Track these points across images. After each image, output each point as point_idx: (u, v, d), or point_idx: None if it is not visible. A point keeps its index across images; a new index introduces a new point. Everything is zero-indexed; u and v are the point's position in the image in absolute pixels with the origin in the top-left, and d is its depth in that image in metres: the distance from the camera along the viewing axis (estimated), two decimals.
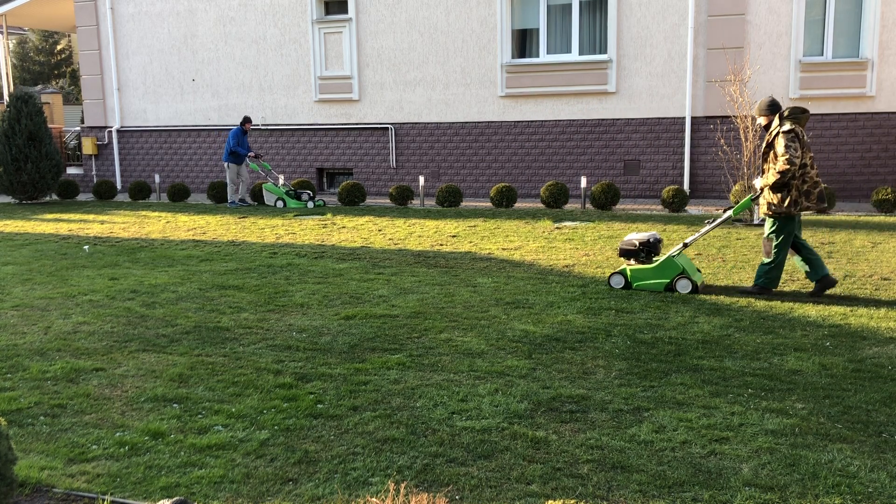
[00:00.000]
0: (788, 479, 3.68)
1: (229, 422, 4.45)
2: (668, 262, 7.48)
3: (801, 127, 7.25)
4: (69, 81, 34.25)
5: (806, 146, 7.20)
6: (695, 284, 7.38)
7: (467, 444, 4.10)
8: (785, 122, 7.21)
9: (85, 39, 19.14)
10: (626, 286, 7.64)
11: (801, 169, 7.19)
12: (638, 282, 7.59)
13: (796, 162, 7.06)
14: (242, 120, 15.70)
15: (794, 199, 7.18)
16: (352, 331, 6.28)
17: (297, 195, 15.35)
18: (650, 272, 7.55)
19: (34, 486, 3.67)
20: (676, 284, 7.43)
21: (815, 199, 7.23)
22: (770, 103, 7.39)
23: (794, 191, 7.18)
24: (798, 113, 7.23)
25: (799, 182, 7.20)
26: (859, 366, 5.25)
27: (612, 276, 7.76)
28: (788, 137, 7.10)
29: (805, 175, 7.20)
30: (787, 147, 7.06)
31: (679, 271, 7.43)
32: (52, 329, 6.47)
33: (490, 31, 15.88)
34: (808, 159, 7.20)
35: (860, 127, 14.24)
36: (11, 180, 16.50)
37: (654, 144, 15.19)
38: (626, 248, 7.76)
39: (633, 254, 7.72)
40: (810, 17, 14.36)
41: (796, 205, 7.19)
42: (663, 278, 7.49)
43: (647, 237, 7.71)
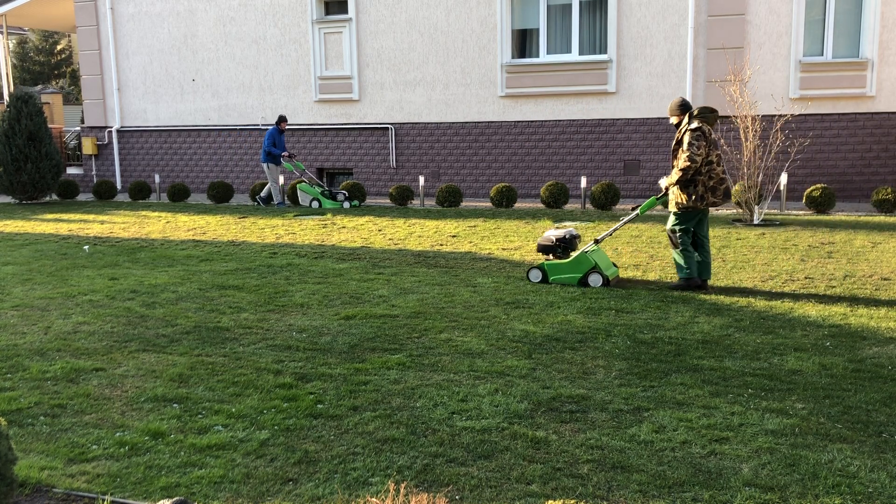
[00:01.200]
0: (788, 479, 3.68)
1: (229, 422, 4.45)
2: (582, 257, 7.87)
3: (709, 126, 7.55)
4: (69, 81, 34.25)
5: (712, 144, 7.51)
6: (606, 278, 7.77)
7: (467, 444, 4.10)
8: (693, 120, 7.51)
9: (85, 39, 19.14)
10: (543, 280, 8.02)
11: (707, 166, 7.49)
12: (554, 276, 7.97)
13: (697, 160, 7.38)
14: (278, 119, 15.36)
15: (700, 194, 7.50)
16: (352, 331, 6.28)
17: (332, 195, 15.10)
18: (565, 267, 7.92)
19: (34, 486, 3.67)
20: (588, 278, 7.80)
21: (720, 195, 7.56)
22: (681, 103, 7.66)
23: (700, 186, 7.50)
24: (707, 112, 7.54)
25: (705, 178, 7.50)
26: (859, 366, 5.25)
27: (531, 270, 8.12)
28: (693, 136, 7.40)
29: (711, 171, 7.51)
30: (690, 145, 7.39)
31: (591, 266, 7.80)
32: (52, 329, 6.47)
33: (490, 31, 15.88)
34: (713, 156, 7.51)
35: (860, 127, 14.23)
36: (11, 180, 16.50)
37: (654, 144, 15.19)
38: (544, 244, 8.13)
39: (551, 249, 8.09)
40: (810, 17, 14.36)
41: (702, 200, 7.50)
42: (577, 272, 7.86)
43: (563, 234, 8.08)
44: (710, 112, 7.56)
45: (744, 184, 12.05)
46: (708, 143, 7.44)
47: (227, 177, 18.40)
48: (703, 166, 7.46)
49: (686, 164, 7.39)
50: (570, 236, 8.04)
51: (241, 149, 18.27)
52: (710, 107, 7.61)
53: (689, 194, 7.52)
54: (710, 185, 7.51)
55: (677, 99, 7.72)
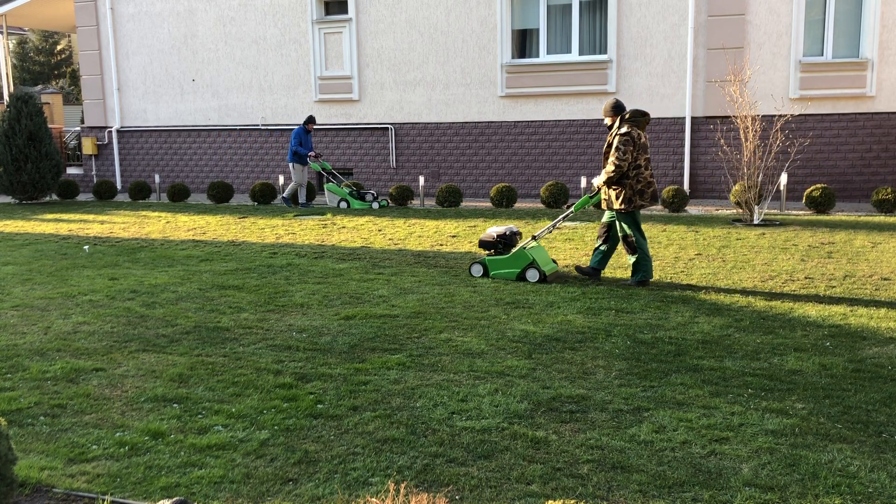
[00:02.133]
0: (788, 479, 3.67)
1: (229, 422, 4.45)
2: (520, 253, 8.15)
3: (640, 129, 7.77)
4: (69, 81, 34.24)
5: (641, 148, 7.71)
6: (543, 273, 8.03)
7: (467, 444, 4.10)
8: (623, 124, 7.74)
9: (85, 39, 19.14)
10: (484, 274, 8.33)
11: (635, 170, 7.72)
12: (494, 270, 8.28)
13: (623, 164, 7.63)
14: (305, 119, 15.15)
15: (627, 196, 7.75)
16: (352, 331, 6.28)
17: (360, 195, 14.91)
18: (505, 262, 8.23)
19: (34, 486, 3.67)
20: (526, 273, 8.09)
21: (648, 198, 7.82)
22: (614, 105, 7.85)
23: (627, 189, 7.74)
24: (638, 116, 7.75)
25: (633, 181, 7.74)
26: (859, 366, 5.25)
27: (473, 265, 8.44)
28: (622, 140, 7.64)
29: (639, 175, 7.74)
30: (618, 149, 7.64)
31: (529, 261, 8.09)
32: (52, 329, 6.47)
33: (490, 31, 15.88)
34: (642, 160, 7.73)
35: (860, 127, 14.23)
36: (11, 180, 16.50)
37: (654, 144, 15.19)
38: (486, 240, 8.42)
39: (492, 245, 8.38)
40: (810, 17, 14.36)
41: (630, 202, 7.75)
42: (515, 267, 8.16)
43: (504, 230, 8.35)
44: (642, 116, 7.75)
45: (744, 184, 12.05)
46: (636, 148, 7.67)
47: (227, 177, 18.41)
48: (631, 170, 7.71)
49: (612, 168, 7.67)
50: (511, 233, 8.33)
51: (241, 149, 18.27)
52: (642, 110, 7.80)
53: (617, 195, 7.78)
54: (637, 188, 7.75)
55: (611, 101, 7.91)
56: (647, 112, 7.78)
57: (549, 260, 8.37)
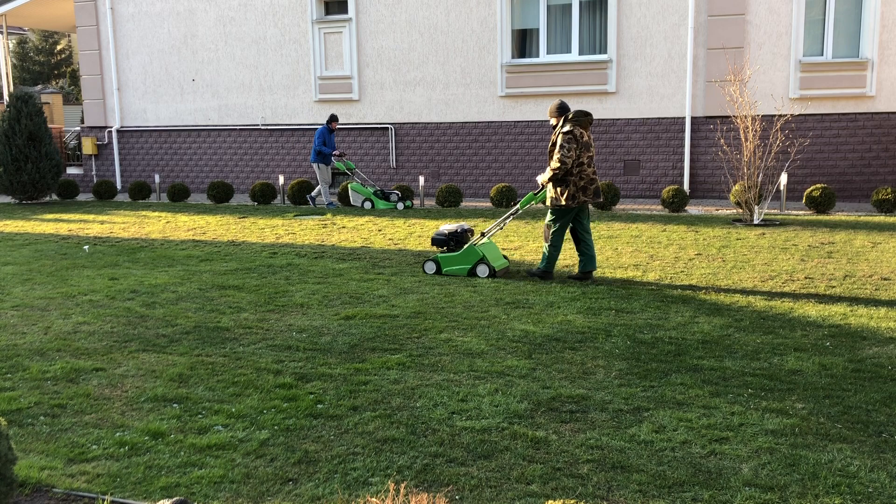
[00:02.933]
0: (788, 479, 3.68)
1: (229, 422, 4.45)
2: (470, 249, 8.42)
3: (583, 128, 8.00)
4: (69, 81, 34.23)
5: (584, 146, 7.94)
6: (493, 269, 8.31)
7: (467, 444, 4.10)
8: (566, 124, 7.98)
9: (85, 39, 19.14)
10: (437, 271, 8.55)
11: (578, 167, 7.95)
12: (447, 267, 8.52)
13: (567, 161, 7.85)
14: (328, 118, 15.04)
15: (571, 193, 7.97)
16: (352, 331, 6.28)
17: (385, 196, 14.74)
18: (456, 258, 8.48)
19: (34, 486, 3.67)
20: (477, 269, 8.36)
21: (591, 194, 8.04)
22: (559, 106, 8.11)
23: (571, 186, 7.97)
24: (581, 116, 7.99)
25: (576, 178, 7.97)
26: (859, 366, 5.25)
27: (426, 262, 8.66)
28: (565, 138, 7.88)
29: (581, 172, 7.97)
30: (561, 147, 7.88)
31: (479, 257, 8.36)
32: (52, 329, 6.47)
33: (490, 31, 15.88)
34: (585, 158, 7.96)
35: (860, 127, 14.23)
36: (11, 180, 16.50)
37: (654, 144, 15.19)
38: (438, 237, 8.65)
39: (444, 243, 8.61)
40: (810, 17, 14.36)
41: (574, 199, 7.98)
42: (466, 263, 8.43)
43: (455, 228, 8.63)
44: (584, 116, 7.99)
45: (744, 184, 12.05)
46: (579, 146, 7.90)
47: (227, 177, 18.41)
48: (574, 167, 7.93)
49: (557, 165, 7.89)
50: (462, 230, 8.60)
51: (241, 149, 18.27)
52: (585, 111, 8.03)
53: (561, 192, 8.01)
54: (580, 185, 7.98)
55: (556, 102, 8.16)
56: (589, 112, 8.04)
57: (500, 256, 8.64)
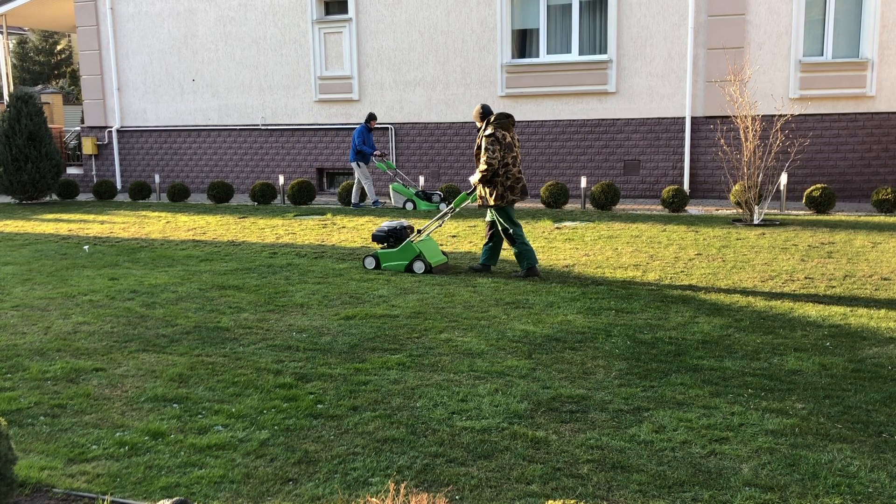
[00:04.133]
0: (788, 479, 3.68)
1: (229, 422, 4.45)
2: (408, 246, 8.71)
3: (506, 130, 8.32)
4: (69, 81, 34.22)
5: (507, 147, 8.27)
6: (429, 265, 8.59)
7: (467, 444, 4.10)
8: (489, 126, 8.29)
9: (85, 39, 19.14)
10: (376, 266, 8.85)
11: (504, 168, 8.27)
12: (385, 262, 8.82)
13: (494, 163, 8.18)
14: (367, 117, 14.83)
15: (499, 193, 8.32)
16: (352, 331, 6.28)
17: (427, 196, 14.48)
18: (394, 255, 8.78)
19: (34, 486, 3.67)
20: (413, 265, 8.65)
21: (518, 193, 8.39)
22: (481, 110, 8.49)
23: (499, 186, 8.31)
24: (503, 118, 8.33)
25: (502, 178, 8.30)
26: (859, 366, 5.25)
27: (366, 258, 8.95)
28: (489, 141, 8.21)
29: (507, 172, 8.29)
30: (486, 150, 8.21)
31: (416, 254, 8.66)
32: (52, 329, 6.47)
33: (490, 31, 15.88)
34: (509, 159, 8.28)
35: (860, 127, 14.23)
36: (11, 180, 16.50)
37: (654, 144, 15.19)
38: (378, 234, 8.96)
39: (384, 239, 8.91)
40: (810, 17, 14.36)
41: (502, 198, 8.33)
42: (403, 259, 8.72)
43: (395, 225, 8.94)
44: (506, 118, 8.34)
45: (744, 184, 12.05)
46: (503, 147, 8.23)
47: (227, 177, 18.41)
48: (500, 168, 8.25)
49: (485, 167, 8.22)
50: (401, 227, 8.90)
51: (241, 149, 18.27)
52: (507, 112, 8.39)
53: (490, 192, 8.35)
54: (507, 184, 8.31)
55: (479, 106, 8.51)
56: (510, 115, 8.37)
57: (438, 253, 8.93)
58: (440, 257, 8.88)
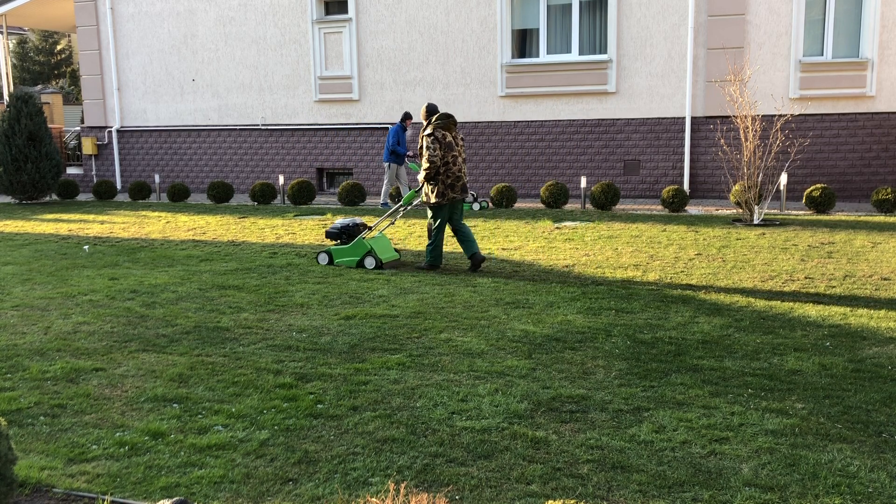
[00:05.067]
0: (788, 479, 3.68)
1: (229, 422, 4.45)
2: (359, 242, 9.01)
3: (447, 130, 8.62)
4: (69, 81, 34.22)
5: (447, 147, 8.57)
6: (379, 261, 8.87)
7: (467, 444, 4.10)
8: (429, 126, 8.63)
9: (85, 39, 19.14)
10: (329, 262, 9.15)
11: (444, 166, 8.58)
12: (338, 258, 9.12)
13: (436, 160, 8.50)
14: (402, 116, 14.61)
15: (440, 191, 8.65)
16: (352, 331, 6.28)
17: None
18: (346, 251, 9.08)
19: (34, 486, 3.67)
20: (364, 261, 8.94)
21: (458, 190, 8.72)
22: (427, 109, 8.84)
23: (440, 185, 8.63)
24: (444, 118, 8.63)
25: (443, 177, 8.62)
26: (859, 366, 5.25)
27: (319, 254, 9.27)
28: (429, 140, 8.56)
29: (448, 171, 8.61)
30: (427, 148, 8.56)
31: (367, 250, 8.95)
32: (52, 329, 6.47)
33: (490, 31, 15.88)
34: (450, 158, 8.59)
35: (860, 127, 14.23)
36: (11, 180, 16.49)
37: (654, 144, 15.19)
38: (331, 231, 9.24)
39: (337, 236, 9.21)
40: (810, 17, 14.36)
41: (444, 196, 8.65)
42: (355, 255, 9.02)
43: (347, 222, 9.25)
44: (448, 118, 8.64)
45: (744, 184, 12.05)
46: (443, 147, 8.54)
47: (227, 177, 18.41)
48: (441, 166, 8.57)
49: (427, 166, 8.55)
50: (354, 224, 9.22)
51: (241, 149, 18.27)
52: (448, 113, 8.69)
53: (432, 189, 8.67)
54: (448, 182, 8.64)
55: (424, 106, 8.92)
56: (451, 115, 8.68)
57: (390, 249, 9.22)
58: (392, 254, 9.17)
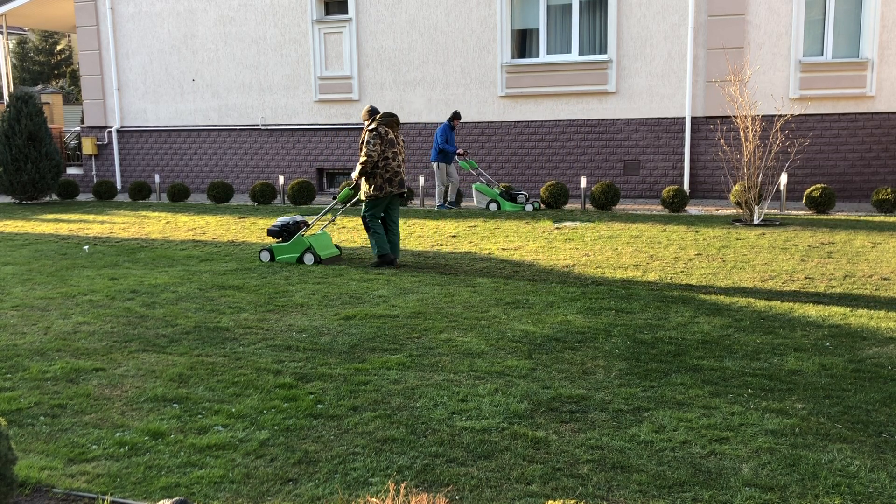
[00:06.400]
0: (788, 479, 3.68)
1: (229, 422, 4.45)
2: (298, 239, 9.30)
3: (389, 128, 8.99)
4: (69, 81, 34.22)
5: (388, 143, 8.91)
6: (318, 257, 9.20)
7: (467, 444, 4.10)
8: (373, 123, 8.97)
9: (85, 39, 19.14)
10: (271, 259, 9.41)
11: (383, 161, 8.90)
12: (279, 255, 9.40)
13: (373, 155, 8.82)
14: (451, 115, 14.25)
15: (378, 185, 8.96)
16: (352, 331, 6.28)
17: (512, 197, 14.02)
18: (287, 248, 9.35)
19: (34, 486, 3.67)
20: (304, 257, 9.24)
21: (396, 185, 9.04)
22: (369, 109, 9.19)
23: (378, 178, 8.94)
24: (387, 117, 9.01)
25: (382, 171, 8.93)
26: (859, 366, 5.25)
27: (262, 251, 9.50)
28: (371, 135, 8.88)
29: (387, 166, 8.93)
30: (367, 143, 8.89)
31: (306, 247, 9.24)
32: (52, 329, 6.47)
33: (490, 31, 15.88)
34: (389, 153, 8.92)
35: (860, 127, 14.23)
36: (11, 180, 16.49)
37: (654, 144, 15.19)
38: (272, 229, 9.51)
39: (278, 234, 9.48)
40: (810, 17, 14.36)
41: (381, 190, 8.97)
42: (295, 252, 9.31)
43: (288, 220, 9.52)
44: (391, 116, 9.02)
45: (744, 184, 12.04)
46: (384, 143, 8.87)
47: (227, 177, 18.41)
48: (380, 161, 8.89)
49: (363, 160, 8.88)
50: (294, 222, 9.49)
51: (241, 149, 18.27)
52: (391, 112, 9.07)
53: (370, 184, 8.98)
54: (386, 177, 8.94)
55: (367, 106, 9.25)
56: (394, 114, 9.07)
57: (330, 246, 9.52)
58: (331, 250, 9.48)
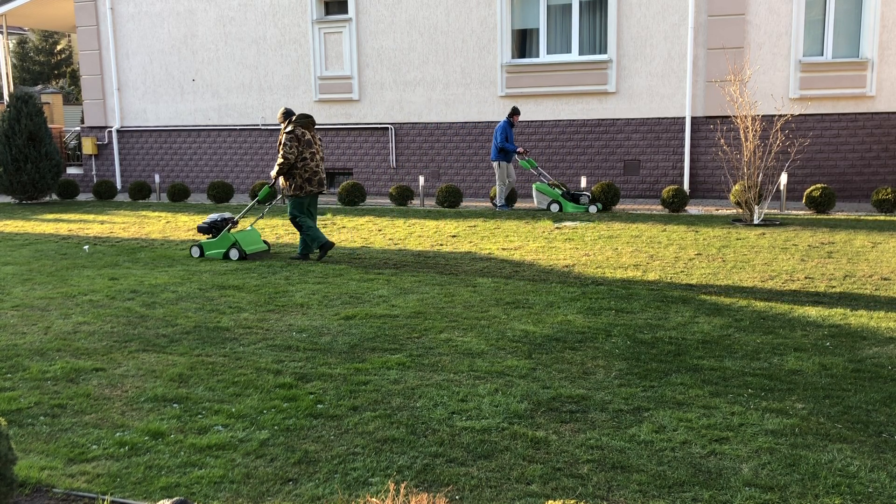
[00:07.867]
0: (788, 479, 3.68)
1: (229, 422, 4.45)
2: (224, 236, 9.66)
3: (305, 129, 9.37)
4: (69, 81, 34.21)
5: (306, 144, 9.31)
6: (242, 252, 9.53)
7: (467, 444, 4.10)
8: (290, 125, 9.34)
9: (85, 39, 19.13)
10: (201, 255, 9.78)
11: (302, 162, 9.30)
12: (208, 251, 9.76)
13: (290, 157, 9.23)
14: (511, 112, 14.02)
15: (298, 184, 9.38)
16: (352, 331, 6.28)
17: (574, 198, 13.67)
18: (214, 244, 9.72)
19: (34, 486, 3.67)
20: (230, 252, 9.59)
21: (316, 185, 9.46)
22: (284, 111, 9.54)
23: (297, 178, 9.36)
24: (303, 118, 9.38)
25: (301, 171, 9.33)
26: (859, 366, 5.25)
27: (192, 247, 9.89)
28: (288, 137, 9.27)
29: (305, 166, 9.32)
30: (284, 145, 9.26)
31: (231, 242, 9.61)
32: (52, 329, 6.47)
33: (490, 31, 15.88)
34: (307, 154, 9.31)
35: (860, 127, 14.23)
36: (11, 180, 16.49)
37: (654, 144, 15.19)
38: (202, 226, 9.82)
39: (207, 230, 9.78)
40: (810, 17, 14.36)
41: (301, 189, 9.39)
42: (221, 248, 9.68)
43: (216, 217, 9.83)
44: (306, 118, 9.38)
45: (744, 184, 12.04)
46: (301, 144, 9.27)
47: (227, 177, 18.41)
48: (298, 162, 9.28)
49: (280, 161, 9.27)
50: (222, 219, 9.82)
51: (241, 149, 18.27)
52: (307, 114, 9.44)
53: (290, 183, 9.38)
54: (305, 176, 9.35)
55: (282, 108, 9.61)
56: (310, 115, 9.44)
57: (258, 241, 9.89)
58: (258, 245, 9.86)
